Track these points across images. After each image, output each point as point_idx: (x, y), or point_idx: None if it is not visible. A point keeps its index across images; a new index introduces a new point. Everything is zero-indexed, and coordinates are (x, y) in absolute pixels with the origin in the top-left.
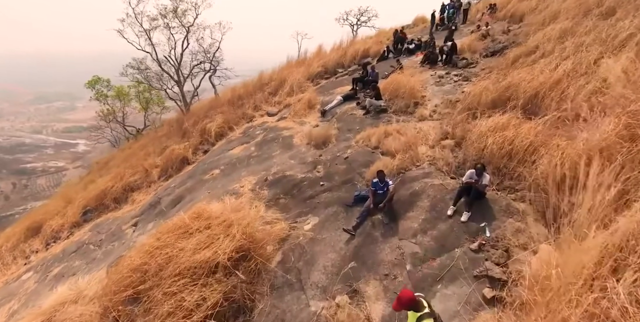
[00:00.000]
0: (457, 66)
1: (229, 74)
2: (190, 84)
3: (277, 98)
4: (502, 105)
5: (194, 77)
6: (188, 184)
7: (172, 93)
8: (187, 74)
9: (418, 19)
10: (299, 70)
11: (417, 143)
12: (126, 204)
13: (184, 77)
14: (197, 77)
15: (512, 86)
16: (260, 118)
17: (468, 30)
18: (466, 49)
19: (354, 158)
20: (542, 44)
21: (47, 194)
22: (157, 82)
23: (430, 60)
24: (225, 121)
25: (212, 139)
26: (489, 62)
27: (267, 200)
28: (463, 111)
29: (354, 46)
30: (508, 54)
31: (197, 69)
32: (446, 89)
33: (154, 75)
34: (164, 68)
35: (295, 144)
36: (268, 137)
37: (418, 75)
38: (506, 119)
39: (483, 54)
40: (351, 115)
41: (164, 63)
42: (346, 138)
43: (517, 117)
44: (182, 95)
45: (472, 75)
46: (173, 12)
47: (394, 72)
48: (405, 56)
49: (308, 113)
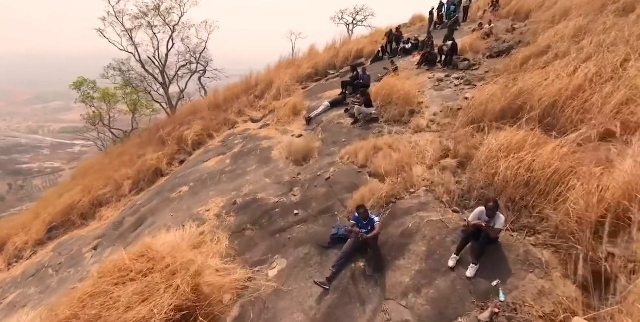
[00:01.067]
0: (457, 68)
1: (220, 75)
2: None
3: (262, 102)
4: (513, 116)
5: (181, 79)
6: (154, 203)
7: (159, 95)
8: (173, 75)
9: (415, 17)
10: (287, 72)
11: (412, 162)
12: (93, 221)
13: (169, 79)
14: (185, 78)
15: (524, 93)
16: (243, 124)
17: (469, 28)
18: (468, 49)
19: (337, 179)
20: (554, 44)
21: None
22: (141, 84)
23: (428, 61)
24: (204, 128)
25: (189, 149)
26: (493, 63)
27: (232, 230)
28: (466, 122)
29: (347, 46)
30: (515, 54)
31: (184, 70)
32: (446, 94)
33: (138, 77)
34: (147, 69)
35: (274, 158)
36: (246, 148)
37: (414, 78)
38: (521, 136)
39: (487, 54)
40: (338, 125)
41: (148, 64)
42: (330, 153)
43: (533, 133)
44: (168, 98)
45: (475, 79)
46: (155, 10)
47: (387, 74)
48: (401, 57)
49: (292, 120)
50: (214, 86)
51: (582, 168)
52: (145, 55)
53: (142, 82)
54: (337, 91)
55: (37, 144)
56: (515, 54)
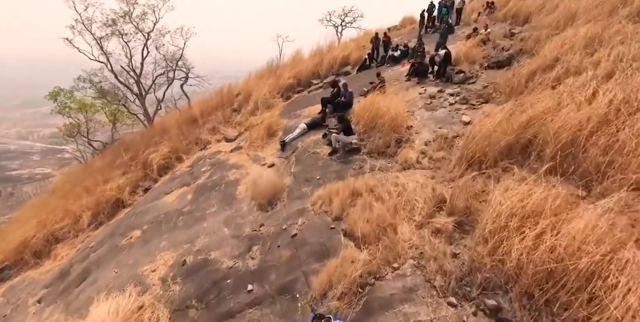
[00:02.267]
0: (452, 81)
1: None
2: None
3: (239, 117)
4: (522, 151)
5: (158, 88)
6: (103, 249)
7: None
8: (150, 85)
9: (406, 19)
10: (267, 82)
11: (398, 219)
12: (48, 260)
13: (144, 89)
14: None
15: (534, 121)
16: (215, 144)
17: (463, 33)
18: (463, 58)
19: (305, 237)
20: (563, 56)
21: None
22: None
23: (419, 73)
24: (173, 150)
25: (154, 175)
26: (492, 75)
27: (174, 305)
28: (465, 160)
29: (332, 52)
30: (518, 68)
31: (162, 79)
32: (439, 115)
33: (112, 88)
34: (120, 79)
35: (238, 196)
36: (211, 180)
37: (403, 93)
38: (540, 195)
39: (484, 64)
40: (313, 155)
41: (122, 74)
42: (301, 195)
43: (555, 190)
44: (144, 109)
45: (473, 96)
46: (124, 16)
47: (373, 89)
48: (389, 65)
49: (267, 143)
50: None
51: (625, 253)
52: (120, 64)
53: (116, 94)
54: (317, 107)
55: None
56: (518, 68)
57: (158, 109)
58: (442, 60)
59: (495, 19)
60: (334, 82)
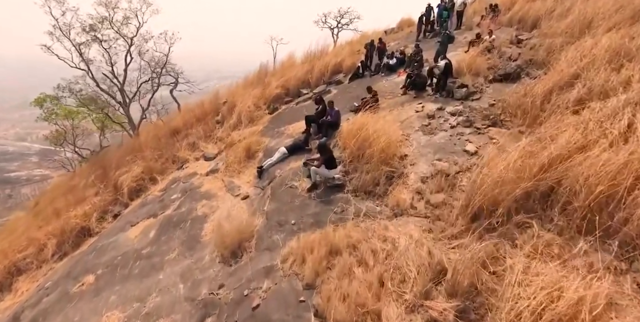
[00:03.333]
0: (453, 96)
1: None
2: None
3: (220, 132)
4: (543, 202)
5: (144, 96)
6: (54, 295)
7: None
8: (134, 92)
9: (403, 21)
10: (252, 93)
11: (384, 296)
12: (9, 294)
13: (128, 98)
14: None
15: (557, 163)
16: (194, 163)
17: (464, 38)
18: (465, 69)
19: (267, 313)
20: (584, 71)
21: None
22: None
23: (416, 86)
24: (146, 170)
25: (125, 199)
26: (499, 90)
27: None
28: (469, 210)
29: (324, 59)
30: (531, 84)
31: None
32: (439, 141)
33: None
34: (103, 87)
35: (203, 238)
36: (179, 212)
37: (398, 110)
38: (575, 292)
39: (489, 77)
40: (290, 190)
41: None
42: (271, 244)
43: (595, 278)
44: (129, 118)
45: (478, 116)
46: (102, 22)
47: (364, 106)
48: (384, 75)
49: (244, 167)
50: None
51: None
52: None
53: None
54: (303, 124)
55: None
56: (530, 84)
57: (143, 118)
58: (442, 73)
59: (499, 23)
60: (318, 98)
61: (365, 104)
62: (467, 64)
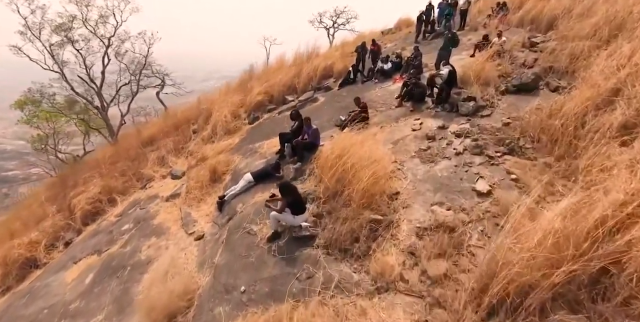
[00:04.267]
0: (458, 110)
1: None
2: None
3: (193, 145)
4: (591, 291)
5: (125, 99)
6: None
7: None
8: (113, 96)
9: (402, 21)
10: (231, 100)
11: None
12: None
13: (106, 102)
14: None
15: (611, 229)
16: (159, 182)
17: (469, 40)
18: (472, 78)
19: None
20: (626, 86)
21: None
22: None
23: (413, 97)
24: (105, 190)
25: (77, 224)
26: (514, 104)
27: None
28: (484, 303)
29: (313, 62)
30: (559, 100)
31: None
32: (441, 174)
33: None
34: (79, 91)
35: (135, 299)
36: (123, 252)
37: (391, 127)
38: None
39: (501, 87)
40: (248, 237)
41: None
42: (209, 321)
43: None
44: (107, 124)
45: (490, 140)
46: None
47: (352, 121)
48: (378, 81)
49: (207, 193)
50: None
51: None
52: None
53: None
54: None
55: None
56: (557, 102)
57: (122, 123)
58: (445, 82)
59: (508, 23)
60: (294, 113)
61: (353, 119)
62: (475, 71)
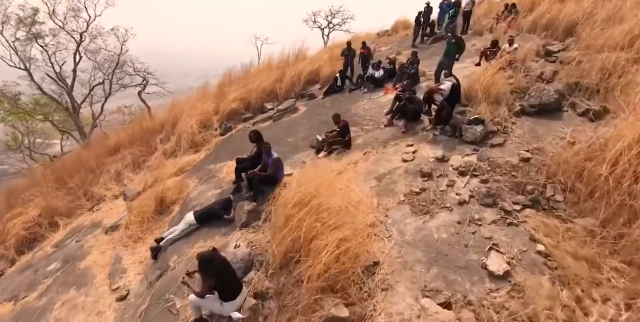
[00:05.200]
0: (461, 135)
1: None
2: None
3: (153, 159)
4: None
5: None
6: None
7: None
8: (85, 96)
9: (399, 23)
10: (203, 108)
11: None
12: None
13: (77, 103)
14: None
15: None
16: (110, 203)
17: (473, 46)
18: (479, 93)
19: None
20: None
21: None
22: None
23: (406, 114)
24: (46, 212)
25: (11, 253)
26: (534, 132)
27: None
28: None
29: (298, 65)
30: (599, 139)
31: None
32: (438, 236)
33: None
34: (50, 90)
35: None
36: (32, 307)
37: (376, 154)
38: None
39: (516, 107)
40: (169, 316)
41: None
42: None
43: None
44: (78, 126)
45: (505, 183)
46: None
47: (329, 145)
48: (367, 91)
49: (148, 229)
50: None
51: None
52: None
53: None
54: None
55: None
56: (597, 139)
57: (94, 126)
58: (447, 99)
59: (517, 27)
60: (254, 134)
61: (330, 142)
62: (482, 84)
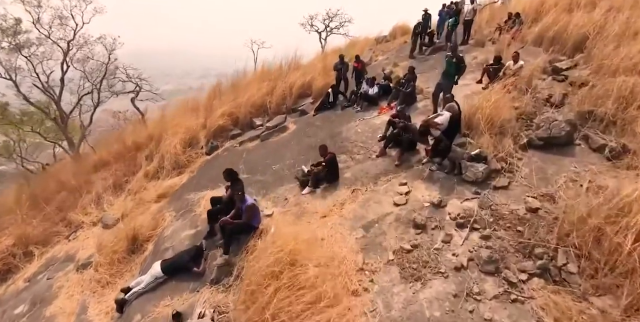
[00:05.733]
0: (460, 173)
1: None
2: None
3: (134, 182)
4: None
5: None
6: None
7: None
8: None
9: (397, 28)
10: (186, 124)
11: None
12: None
13: (65, 113)
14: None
15: None
16: (88, 230)
17: (474, 59)
18: (480, 120)
19: None
20: None
21: None
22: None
23: (401, 144)
24: (21, 241)
25: None
26: (541, 170)
27: None
28: None
29: (290, 76)
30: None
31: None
32: (430, 308)
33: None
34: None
35: None
36: None
37: (365, 193)
38: None
39: (523, 139)
40: None
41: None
42: None
43: None
44: (66, 137)
45: (510, 237)
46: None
47: (315, 178)
48: (360, 109)
49: (119, 272)
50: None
51: None
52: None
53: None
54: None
55: None
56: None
57: (84, 137)
58: (447, 131)
59: (522, 39)
60: (227, 173)
61: (316, 178)
62: (484, 109)
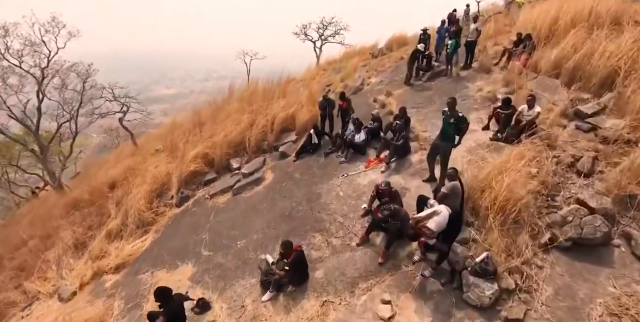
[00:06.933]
0: (459, 287)
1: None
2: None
3: (95, 243)
4: None
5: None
6: None
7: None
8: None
9: (394, 40)
10: (155, 171)
11: None
12: None
13: (44, 144)
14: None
15: None
16: (45, 303)
17: (478, 92)
18: (490, 211)
19: None
20: None
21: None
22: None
23: (387, 232)
24: None
25: None
26: (569, 286)
27: None
28: None
29: (272, 108)
30: None
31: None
32: None
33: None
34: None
35: None
36: None
37: (336, 312)
38: None
39: (543, 235)
40: None
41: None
42: None
43: None
44: (46, 169)
45: None
46: None
47: (278, 283)
48: (345, 160)
49: None
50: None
51: None
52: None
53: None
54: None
55: None
56: None
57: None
58: (453, 217)
59: (534, 66)
60: (161, 294)
61: (279, 283)
62: (491, 183)
